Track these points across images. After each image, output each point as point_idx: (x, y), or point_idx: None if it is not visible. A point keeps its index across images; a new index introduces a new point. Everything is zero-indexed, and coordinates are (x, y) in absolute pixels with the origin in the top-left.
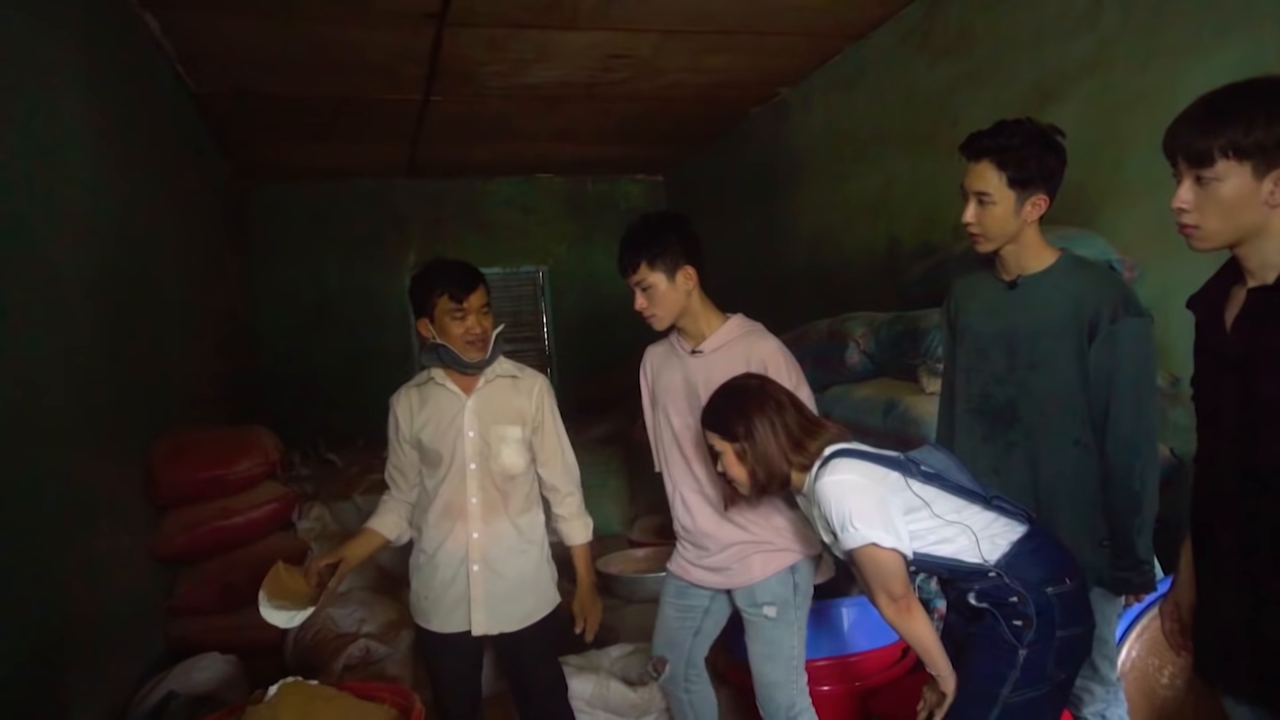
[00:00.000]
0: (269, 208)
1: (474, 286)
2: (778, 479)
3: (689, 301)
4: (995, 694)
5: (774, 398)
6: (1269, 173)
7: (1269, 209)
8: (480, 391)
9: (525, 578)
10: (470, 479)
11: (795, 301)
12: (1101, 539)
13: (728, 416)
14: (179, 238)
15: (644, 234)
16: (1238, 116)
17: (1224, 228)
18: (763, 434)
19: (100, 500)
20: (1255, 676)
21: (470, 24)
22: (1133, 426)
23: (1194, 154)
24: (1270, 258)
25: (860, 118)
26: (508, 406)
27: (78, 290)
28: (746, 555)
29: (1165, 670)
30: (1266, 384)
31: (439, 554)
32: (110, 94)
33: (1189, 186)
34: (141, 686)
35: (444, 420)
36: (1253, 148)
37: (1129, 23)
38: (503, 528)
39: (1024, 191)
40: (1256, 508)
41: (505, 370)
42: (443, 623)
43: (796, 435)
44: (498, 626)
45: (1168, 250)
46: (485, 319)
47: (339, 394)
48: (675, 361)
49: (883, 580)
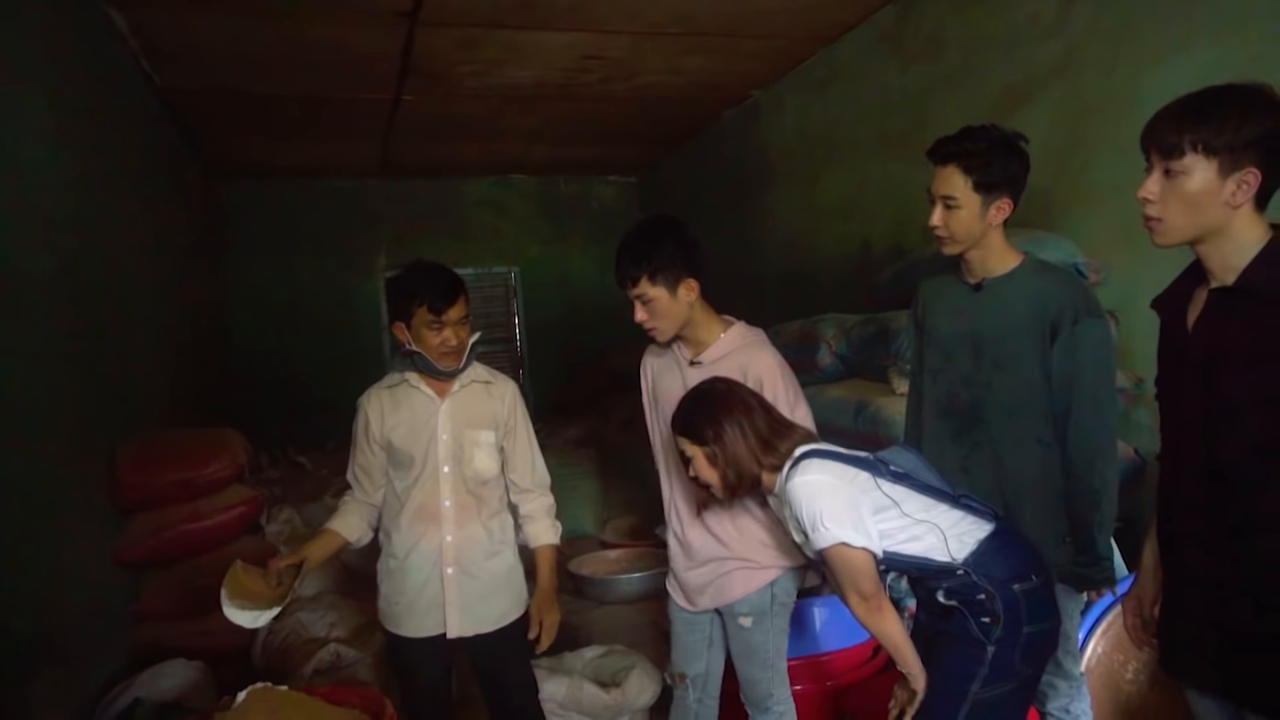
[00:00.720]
0: (240, 207)
1: (454, 299)
2: (748, 480)
3: (690, 312)
4: (965, 691)
5: (742, 400)
6: (1234, 173)
7: (1230, 210)
8: (455, 396)
9: (498, 579)
10: (444, 482)
11: (768, 303)
12: (1064, 535)
13: (697, 420)
14: (147, 237)
15: (643, 244)
16: (1212, 115)
17: (1185, 223)
18: (732, 436)
19: (64, 504)
20: (1218, 670)
21: (443, 23)
22: (1093, 425)
23: (1166, 146)
24: (1230, 259)
25: (833, 120)
26: (481, 411)
27: (42, 290)
28: (728, 572)
29: (1129, 665)
30: (1226, 384)
31: (411, 558)
32: (75, 91)
33: (1157, 178)
34: (107, 693)
35: (417, 423)
36: (1221, 146)
37: (1097, 29)
38: (475, 530)
39: (988, 195)
40: (1218, 505)
41: (479, 375)
42: (416, 627)
43: (765, 436)
44: (473, 628)
45: (1133, 253)
46: (463, 330)
47: (309, 396)
48: (675, 370)
49: (853, 579)
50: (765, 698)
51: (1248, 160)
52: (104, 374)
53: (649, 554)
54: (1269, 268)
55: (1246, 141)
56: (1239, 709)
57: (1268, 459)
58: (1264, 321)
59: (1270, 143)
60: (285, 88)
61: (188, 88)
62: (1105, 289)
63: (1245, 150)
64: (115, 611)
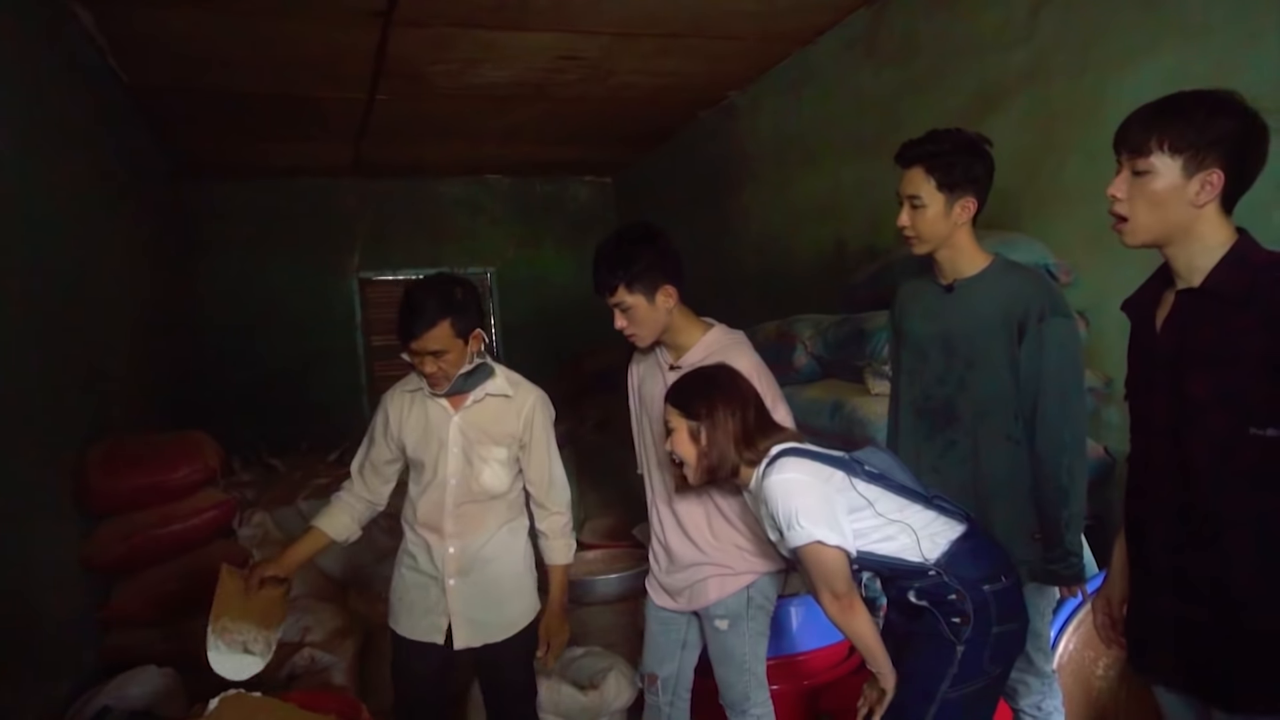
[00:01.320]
0: (211, 207)
1: (414, 334)
2: (727, 466)
3: (669, 318)
4: (934, 690)
5: (740, 391)
6: (1198, 173)
7: (1195, 210)
8: (467, 409)
9: (505, 589)
10: (449, 495)
11: (744, 303)
12: (1033, 532)
13: (692, 395)
14: (116, 238)
15: (620, 253)
16: (1179, 116)
17: (1151, 222)
18: (722, 419)
19: (31, 508)
20: (1184, 667)
21: (418, 23)
22: (1059, 422)
23: (1133, 145)
24: (1196, 260)
25: (807, 122)
26: (495, 426)
27: (6, 290)
28: (704, 579)
29: (1100, 662)
30: (1193, 384)
31: (418, 561)
32: (40, 90)
33: (1125, 176)
34: (74, 702)
35: (430, 431)
36: (1186, 145)
37: (1065, 35)
38: (481, 542)
39: (952, 194)
40: (1185, 504)
41: (498, 388)
42: (411, 629)
43: (751, 431)
44: (481, 639)
45: (1103, 255)
46: (440, 360)
47: (282, 397)
48: (658, 373)
49: (826, 578)
50: (742, 700)
51: (1212, 160)
52: (73, 376)
53: (626, 555)
54: (1234, 270)
55: (1210, 141)
56: (1205, 706)
57: (1232, 458)
58: (1229, 323)
59: (1234, 143)
60: (257, 86)
61: (156, 86)
62: (1076, 290)
63: (1209, 149)
64: (84, 617)
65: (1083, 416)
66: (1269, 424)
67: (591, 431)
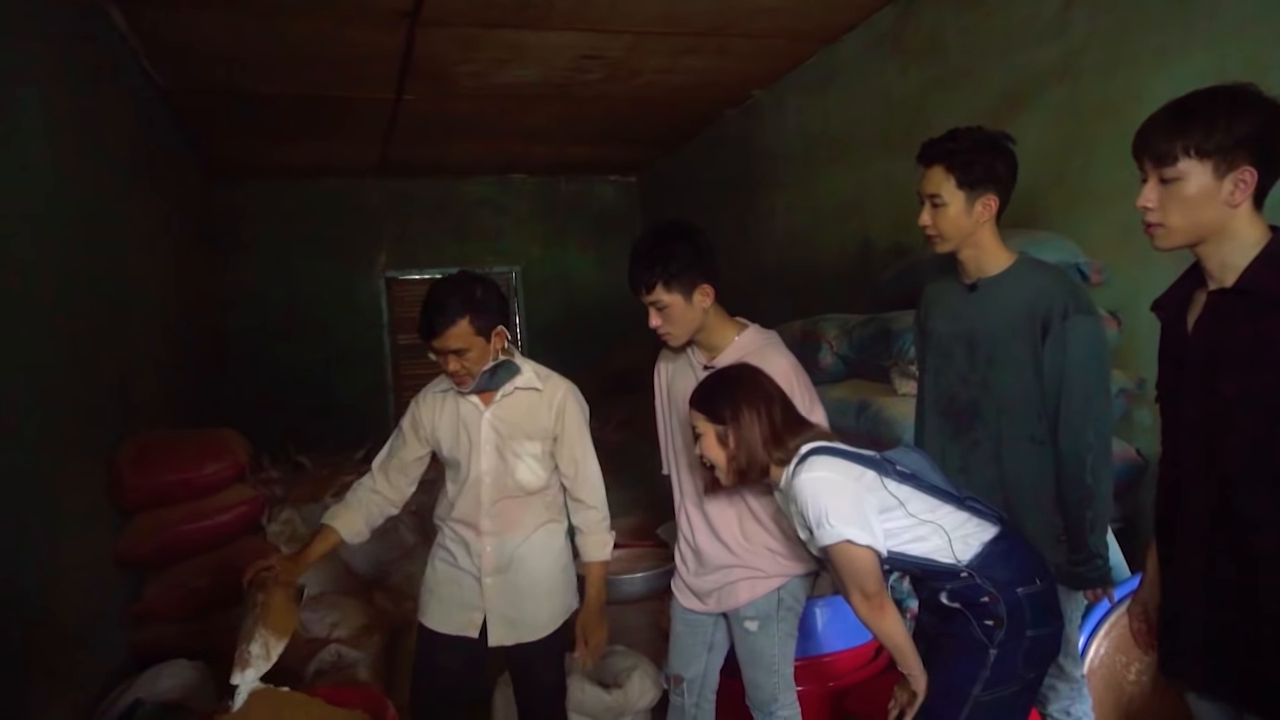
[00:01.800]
0: (239, 206)
1: (433, 333)
2: (757, 467)
3: (705, 317)
4: (966, 693)
5: (764, 390)
6: (1229, 173)
7: (1229, 209)
8: (498, 404)
9: (540, 587)
10: (485, 493)
11: (768, 303)
12: (1058, 534)
13: (716, 399)
14: (146, 237)
15: (657, 250)
16: (1200, 119)
17: (1186, 225)
18: (748, 420)
19: (64, 504)
20: (1217, 673)
21: (443, 23)
22: (1082, 421)
23: (1158, 154)
24: (1229, 259)
25: (833, 120)
26: (527, 421)
27: (40, 290)
28: (733, 581)
29: (1132, 667)
30: (1226, 384)
31: (455, 558)
32: (74, 90)
33: (1154, 186)
34: (107, 695)
35: (461, 430)
36: (1213, 149)
37: (1096, 31)
38: (518, 541)
39: (973, 192)
40: (1218, 507)
41: (527, 381)
42: (441, 622)
43: (780, 429)
44: (515, 637)
45: (1135, 254)
46: (463, 358)
47: (309, 396)
48: (689, 373)
49: (857, 578)
50: (770, 702)
51: (1242, 159)
52: (104, 374)
53: (651, 554)
54: (1268, 269)
55: (1237, 140)
56: (1239, 712)
57: (1263, 461)
58: (1262, 323)
59: (1262, 139)
60: (286, 87)
61: (188, 87)
62: (1107, 290)
63: (1238, 149)
64: (116, 612)
65: (1107, 416)
66: None
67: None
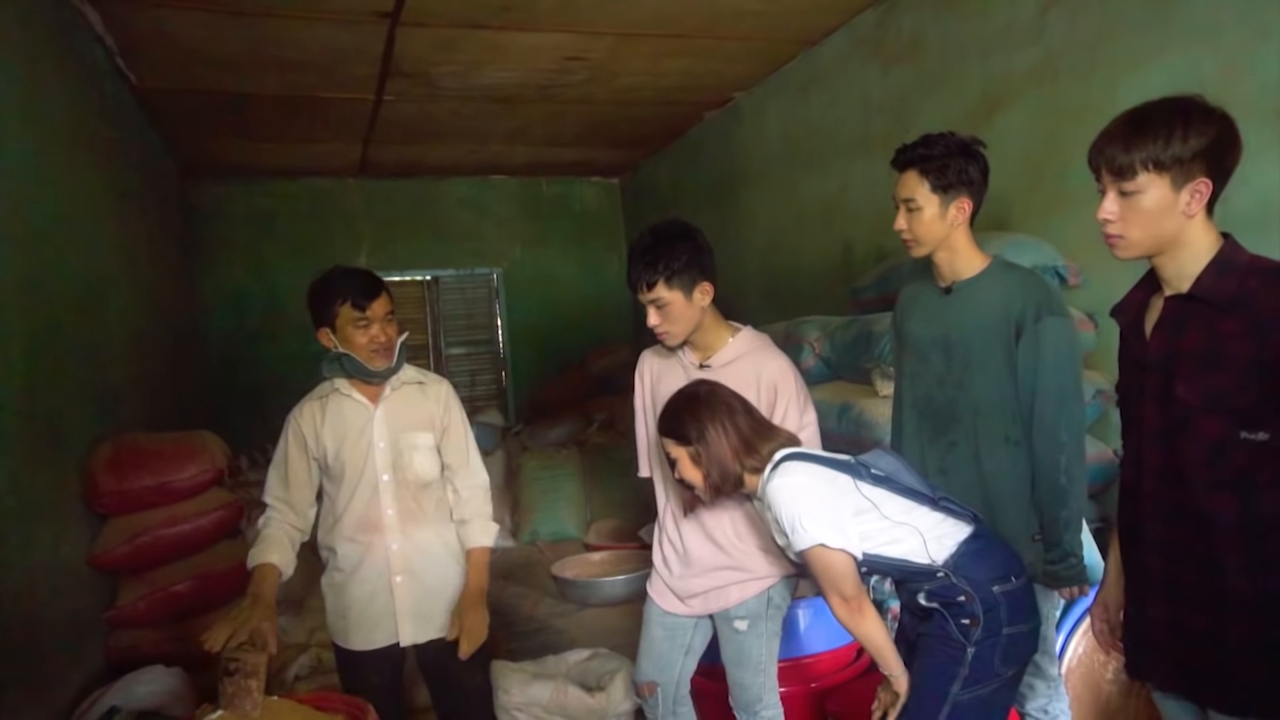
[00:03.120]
0: (216, 207)
1: (376, 294)
2: (731, 480)
3: (702, 316)
4: (946, 692)
5: (725, 402)
6: (1186, 184)
7: (1185, 219)
8: (388, 400)
9: (450, 582)
10: (384, 490)
11: (751, 305)
12: (1033, 533)
13: (681, 421)
14: (122, 237)
15: (658, 249)
16: (1157, 132)
17: (1145, 236)
18: (714, 436)
19: (37, 509)
20: (1179, 671)
21: (424, 24)
22: (1055, 421)
23: (1117, 168)
24: (1185, 267)
25: (814, 123)
26: (416, 414)
27: (14, 291)
28: (724, 585)
29: (1110, 666)
30: (1183, 388)
31: (358, 570)
32: (49, 90)
33: (1113, 199)
34: (81, 702)
35: (352, 432)
36: (1170, 161)
37: (1073, 36)
38: (422, 536)
39: (946, 196)
40: (1176, 508)
41: (410, 377)
42: (367, 639)
43: (748, 437)
44: (425, 634)
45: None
46: (390, 327)
47: (288, 398)
48: (679, 373)
49: (834, 581)
50: (755, 702)
51: (1198, 170)
52: (78, 377)
53: (633, 556)
54: (1220, 275)
55: (1194, 153)
56: (1203, 709)
57: (1222, 462)
58: (1216, 327)
59: (1215, 151)
60: (264, 88)
61: (165, 87)
62: (1085, 292)
63: (1194, 161)
64: (91, 617)
65: (1080, 416)
66: (1259, 428)
67: (597, 433)
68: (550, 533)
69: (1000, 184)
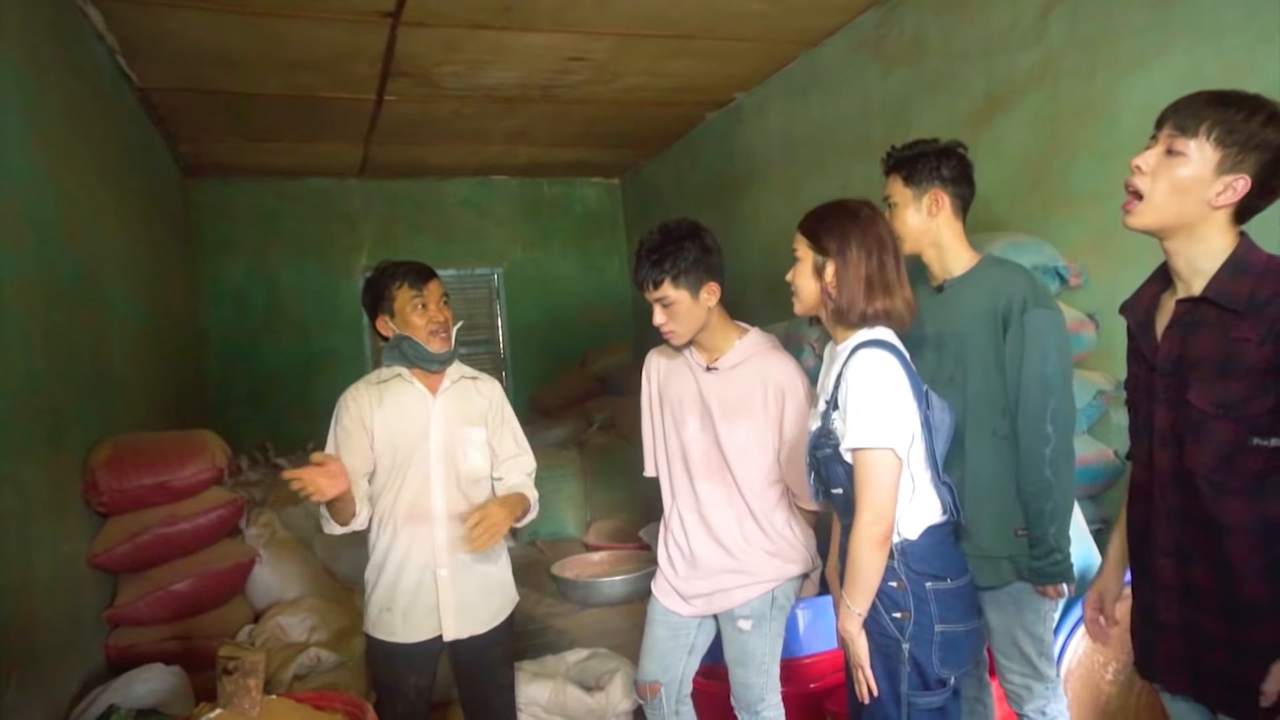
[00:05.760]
0: (218, 207)
1: (431, 276)
2: (856, 313)
3: (708, 316)
4: (898, 692)
5: (879, 235)
6: (1229, 172)
7: (1209, 208)
8: (446, 392)
9: (491, 578)
10: (435, 481)
11: (751, 305)
12: (1016, 528)
13: (826, 226)
14: (123, 236)
15: (665, 248)
16: (1240, 109)
17: (1165, 206)
18: (854, 259)
19: (38, 507)
20: (1190, 674)
21: (425, 24)
22: (1040, 412)
23: (1181, 123)
24: (1197, 263)
25: (815, 124)
26: (472, 408)
27: (14, 289)
28: (729, 588)
29: (1110, 666)
30: (1195, 393)
31: (405, 562)
32: (50, 88)
33: (1157, 152)
34: (80, 700)
35: (408, 419)
36: (1233, 140)
37: (1074, 37)
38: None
39: (919, 189)
40: (1188, 512)
41: (466, 373)
42: (410, 632)
43: (888, 281)
44: (468, 629)
45: (1113, 257)
46: (445, 310)
47: (289, 397)
48: (686, 373)
49: (878, 493)
50: (757, 702)
51: (1246, 166)
52: (79, 375)
53: (633, 556)
54: (1234, 277)
55: (1254, 146)
56: (1214, 713)
57: (1234, 468)
58: (1230, 333)
59: (1273, 157)
60: (265, 88)
61: (166, 86)
62: (1085, 292)
63: (1249, 154)
64: (90, 616)
65: (1068, 410)
66: (1271, 434)
67: (597, 433)
68: (550, 533)
69: (1001, 184)
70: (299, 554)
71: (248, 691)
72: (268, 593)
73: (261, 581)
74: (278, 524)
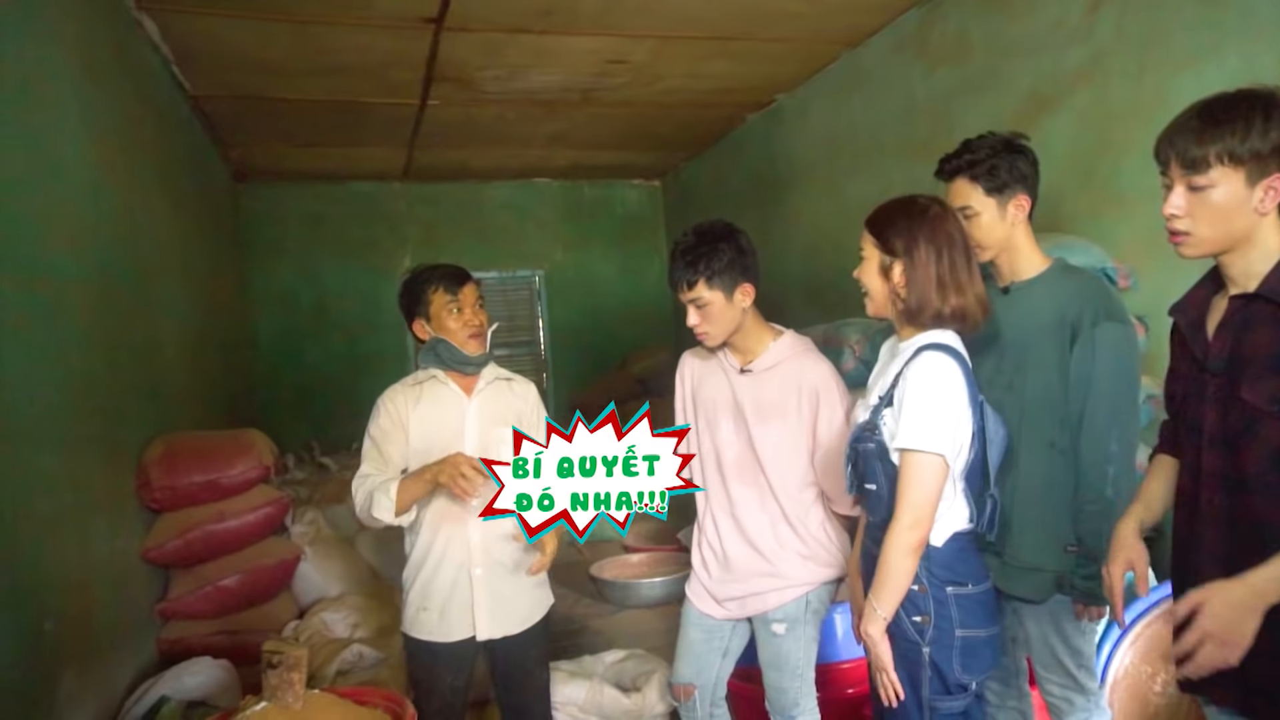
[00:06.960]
0: (265, 211)
1: (466, 280)
2: (929, 312)
3: (743, 318)
4: (919, 696)
5: (948, 231)
6: (1261, 180)
7: (1258, 217)
8: (481, 393)
9: (526, 578)
10: None
11: (791, 307)
12: (1067, 544)
13: (893, 224)
14: (176, 240)
15: (700, 248)
16: (1234, 123)
17: (1214, 234)
18: (922, 259)
19: (93, 503)
20: (1236, 686)
21: (468, 29)
22: (1106, 430)
23: (1189, 160)
24: (1253, 266)
25: (857, 125)
26: (507, 409)
27: (73, 292)
28: (763, 591)
29: (1158, 678)
30: (1247, 391)
31: (442, 562)
32: (107, 97)
33: (1181, 193)
34: (133, 691)
35: (444, 420)
36: (1247, 155)
37: (1123, 34)
38: (502, 529)
39: (1002, 196)
40: (1237, 515)
41: (501, 374)
42: (447, 631)
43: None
44: (501, 629)
45: (1162, 259)
46: (481, 313)
47: (334, 397)
48: (721, 376)
49: (920, 499)
50: (792, 706)
51: (1274, 166)
52: (133, 375)
53: (671, 558)
54: None
55: (1273, 146)
56: None
57: None
58: None
59: None
60: (312, 94)
61: (217, 94)
62: (1134, 295)
63: (1271, 156)
64: (143, 610)
65: (1133, 427)
66: None
67: None
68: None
69: (1048, 184)
70: (343, 552)
71: (291, 685)
72: (312, 589)
73: (306, 578)
74: (322, 522)
